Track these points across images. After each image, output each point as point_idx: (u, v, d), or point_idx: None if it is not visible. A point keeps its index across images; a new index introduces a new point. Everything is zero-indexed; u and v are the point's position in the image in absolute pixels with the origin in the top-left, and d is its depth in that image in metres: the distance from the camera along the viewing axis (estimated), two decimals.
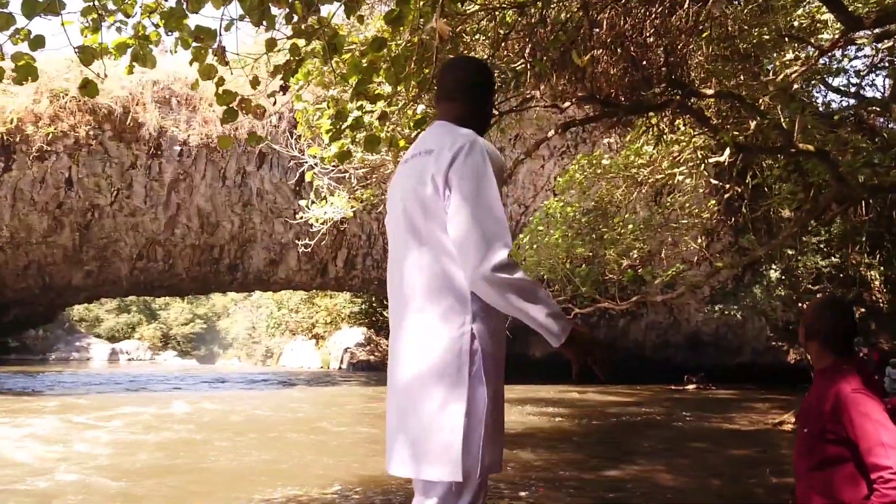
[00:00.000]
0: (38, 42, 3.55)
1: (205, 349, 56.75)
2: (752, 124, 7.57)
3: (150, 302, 51.33)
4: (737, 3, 6.28)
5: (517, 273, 1.72)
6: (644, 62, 5.62)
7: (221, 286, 21.75)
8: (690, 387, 19.18)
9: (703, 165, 8.77)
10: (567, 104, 5.52)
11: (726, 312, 18.27)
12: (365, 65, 4.48)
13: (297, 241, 15.33)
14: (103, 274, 18.96)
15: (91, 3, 3.93)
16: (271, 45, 4.29)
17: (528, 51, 5.16)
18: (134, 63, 4.51)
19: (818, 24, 7.60)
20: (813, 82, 9.37)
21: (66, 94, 15.36)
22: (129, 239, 17.95)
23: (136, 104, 16.17)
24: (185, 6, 3.93)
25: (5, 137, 15.29)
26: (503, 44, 5.15)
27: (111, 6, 4.09)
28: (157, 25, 4.36)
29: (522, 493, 5.61)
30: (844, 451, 2.18)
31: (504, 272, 1.70)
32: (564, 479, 6.27)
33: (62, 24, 4.07)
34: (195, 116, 16.71)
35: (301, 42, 4.24)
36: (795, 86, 7.61)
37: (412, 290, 1.84)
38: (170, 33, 4.41)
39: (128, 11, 4.13)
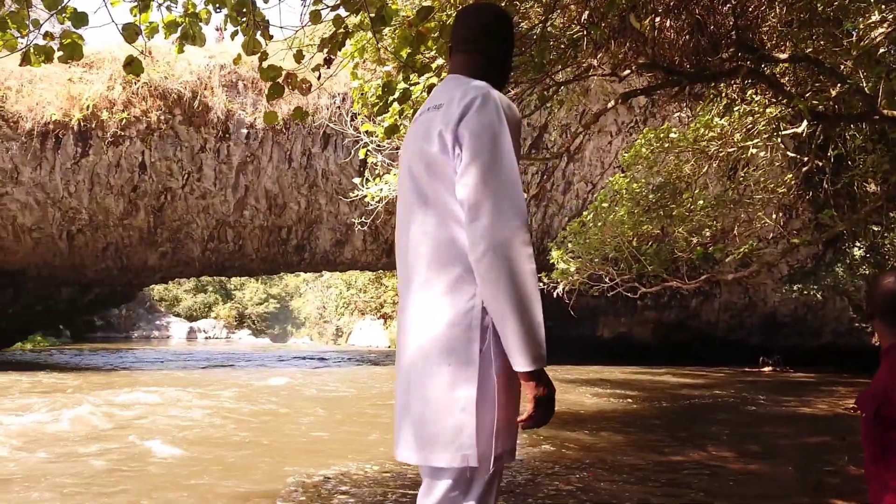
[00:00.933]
0: (80, 19, 3.55)
1: (278, 328, 58.26)
2: (833, 92, 7.08)
3: (226, 282, 52.88)
4: None
5: (531, 256, 1.50)
6: (710, 26, 5.29)
7: (289, 266, 22.12)
8: (766, 369, 18.49)
9: (778, 137, 8.30)
10: (627, 72, 5.24)
11: (805, 292, 17.44)
12: (413, 36, 4.34)
13: (360, 221, 15.39)
14: (177, 255, 19.53)
15: None
16: (316, 17, 4.20)
17: (584, 16, 4.91)
18: (184, 42, 4.50)
19: None
20: None
21: (138, 81, 15.77)
22: (200, 221, 18.41)
23: (205, 88, 16.48)
24: None
25: (82, 123, 15.83)
26: (557, 9, 4.92)
27: None
28: (206, 3, 4.33)
29: (576, 476, 5.44)
30: None
31: (523, 245, 1.50)
32: (625, 463, 6.06)
33: (110, 2, 4.08)
34: (261, 99, 16.90)
35: (344, 13, 4.13)
36: (881, 49, 7.07)
37: (417, 259, 1.65)
38: (218, 9, 4.38)
39: None
